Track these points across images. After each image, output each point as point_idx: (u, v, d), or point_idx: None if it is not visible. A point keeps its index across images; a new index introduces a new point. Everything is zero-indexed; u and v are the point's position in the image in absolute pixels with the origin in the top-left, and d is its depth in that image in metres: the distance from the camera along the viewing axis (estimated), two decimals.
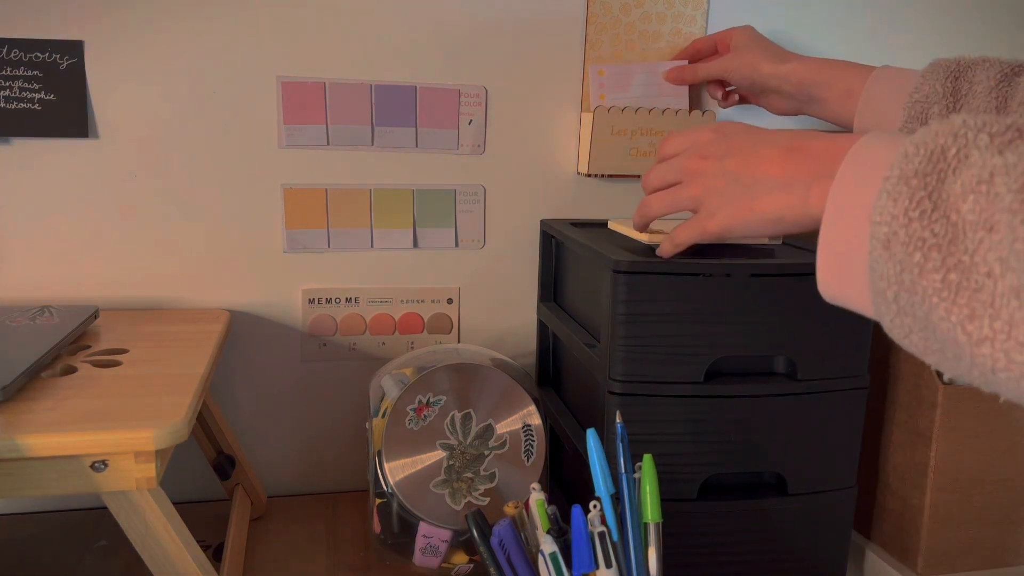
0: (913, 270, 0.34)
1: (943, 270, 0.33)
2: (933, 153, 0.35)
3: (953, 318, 0.33)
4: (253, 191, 0.83)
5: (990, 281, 0.32)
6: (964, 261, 0.32)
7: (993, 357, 0.32)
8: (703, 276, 0.65)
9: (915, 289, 0.34)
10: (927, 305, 0.34)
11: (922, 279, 0.34)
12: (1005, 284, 0.31)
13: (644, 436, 0.67)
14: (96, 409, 0.54)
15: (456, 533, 0.70)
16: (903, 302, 0.35)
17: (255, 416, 0.89)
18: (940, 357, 0.36)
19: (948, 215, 0.33)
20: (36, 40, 0.75)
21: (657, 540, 0.53)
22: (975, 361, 0.33)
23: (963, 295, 0.32)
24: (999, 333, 0.31)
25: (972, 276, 0.32)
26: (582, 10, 0.86)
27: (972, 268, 0.32)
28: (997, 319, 0.31)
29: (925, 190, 0.34)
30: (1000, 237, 0.31)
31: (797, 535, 0.72)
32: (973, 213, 0.32)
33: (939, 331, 0.34)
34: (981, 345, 0.32)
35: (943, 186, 0.34)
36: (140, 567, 0.56)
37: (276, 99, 0.82)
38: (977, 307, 0.32)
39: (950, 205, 0.33)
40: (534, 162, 0.89)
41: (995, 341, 0.32)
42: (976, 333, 0.32)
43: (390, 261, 0.88)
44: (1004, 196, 0.31)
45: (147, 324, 0.75)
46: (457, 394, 0.71)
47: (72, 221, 0.80)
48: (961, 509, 0.72)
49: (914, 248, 0.34)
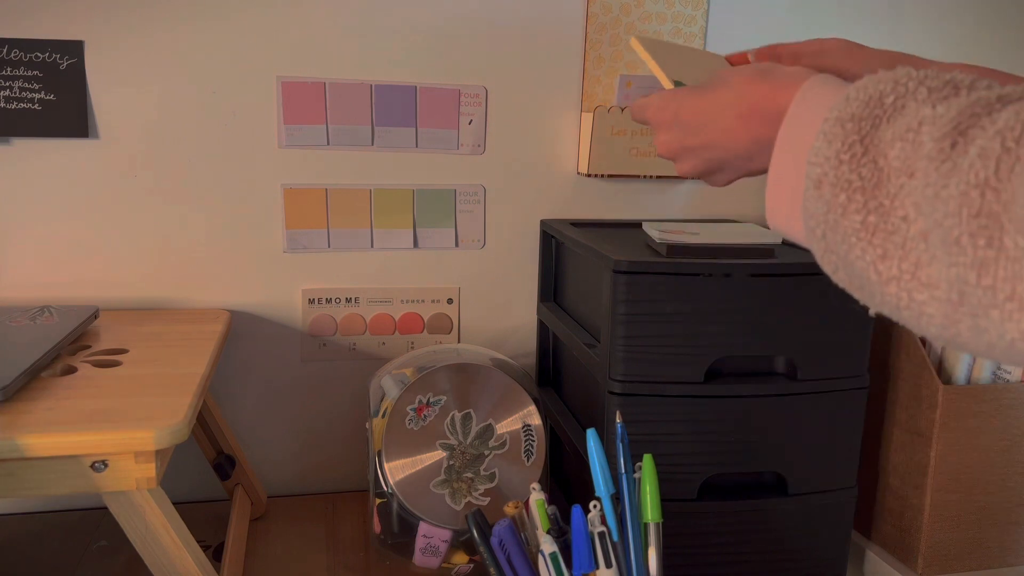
0: (837, 210, 0.36)
1: (864, 212, 0.35)
2: (871, 99, 0.36)
3: (868, 257, 0.35)
4: (253, 191, 0.83)
5: (904, 224, 0.33)
6: (884, 204, 0.34)
7: (898, 295, 0.34)
8: (703, 276, 0.65)
9: (838, 228, 0.36)
10: (847, 244, 0.36)
11: (844, 219, 0.35)
12: (916, 228, 0.33)
13: (644, 436, 0.67)
14: (96, 409, 0.54)
15: (456, 533, 0.70)
16: (830, 240, 0.37)
17: (255, 416, 0.89)
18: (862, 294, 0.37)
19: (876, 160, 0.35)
20: (36, 40, 0.75)
21: (657, 540, 0.53)
22: (884, 299, 0.35)
23: (879, 236, 0.34)
24: (905, 273, 0.33)
25: (889, 219, 0.34)
26: (582, 10, 0.86)
27: (890, 211, 0.34)
28: (905, 260, 0.33)
29: (859, 134, 0.35)
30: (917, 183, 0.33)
31: (797, 535, 0.72)
32: (898, 160, 0.34)
33: (856, 269, 0.36)
34: (889, 284, 0.34)
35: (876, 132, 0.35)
36: (140, 567, 0.56)
37: (276, 99, 0.82)
38: (890, 248, 0.34)
39: (879, 151, 0.35)
40: (534, 162, 0.89)
41: (901, 280, 0.33)
42: (886, 272, 0.34)
43: (390, 261, 0.88)
44: (926, 144, 0.32)
45: (147, 324, 0.75)
46: (457, 394, 0.71)
47: (72, 221, 0.80)
48: (961, 509, 0.72)
49: (840, 189, 0.35)
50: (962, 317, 0.32)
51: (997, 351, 0.32)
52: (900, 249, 0.33)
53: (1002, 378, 0.73)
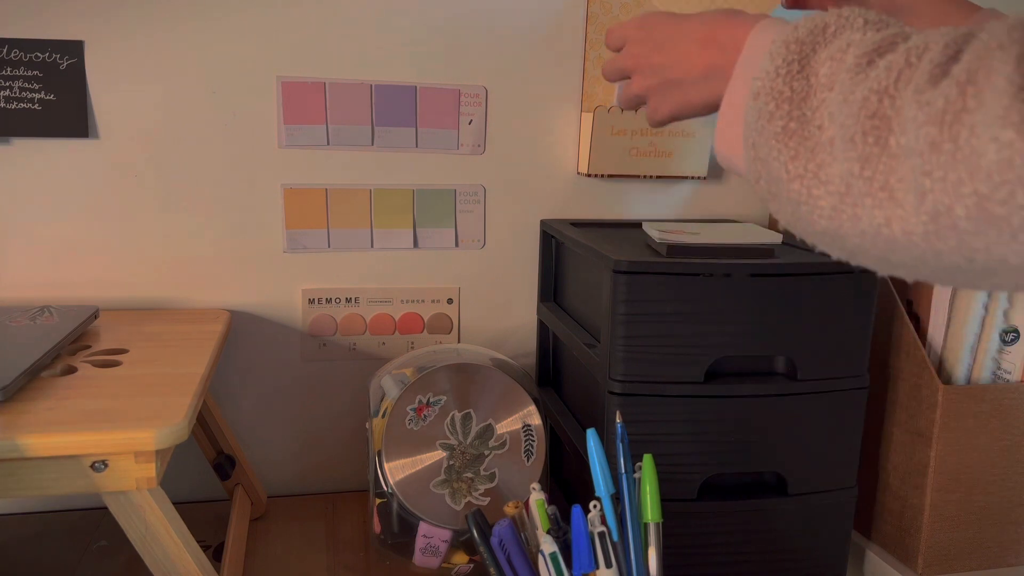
0: (765, 117, 0.40)
1: (786, 119, 0.39)
2: (816, 28, 0.40)
3: (782, 158, 0.39)
4: (253, 191, 0.83)
5: (818, 132, 0.37)
6: (806, 115, 0.38)
7: (799, 192, 0.38)
8: (703, 276, 0.65)
9: (764, 133, 0.40)
10: (767, 147, 0.40)
11: (769, 125, 0.39)
12: (826, 135, 0.37)
13: (644, 436, 0.67)
14: (96, 409, 0.54)
15: (456, 533, 0.70)
16: (758, 148, 0.41)
17: (255, 416, 0.89)
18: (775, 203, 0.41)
19: (808, 77, 0.39)
20: (36, 40, 0.75)
21: (657, 540, 0.53)
22: (788, 196, 0.39)
23: (794, 140, 0.38)
24: (809, 172, 0.38)
25: (807, 127, 0.38)
26: (582, 10, 0.86)
27: (809, 121, 0.38)
28: (812, 161, 0.37)
29: (798, 55, 0.39)
30: (834, 95, 0.37)
31: (797, 535, 0.72)
32: (826, 76, 0.38)
33: (772, 170, 0.40)
34: (794, 181, 0.38)
35: (814, 55, 0.39)
36: (140, 567, 0.56)
37: (276, 99, 0.82)
38: (801, 151, 0.38)
39: (812, 69, 0.39)
40: (534, 162, 0.89)
41: (805, 178, 0.38)
42: (794, 171, 0.38)
43: (390, 261, 0.88)
44: (849, 61, 0.37)
45: (147, 324, 0.75)
46: (457, 394, 0.71)
47: (72, 221, 0.80)
48: (961, 509, 0.72)
49: (771, 99, 0.39)
50: (845, 207, 0.36)
51: (867, 238, 0.36)
52: (810, 152, 0.38)
53: (1002, 378, 0.73)
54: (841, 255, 0.40)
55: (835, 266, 0.68)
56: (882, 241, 0.35)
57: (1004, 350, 0.72)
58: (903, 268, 0.37)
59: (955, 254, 0.33)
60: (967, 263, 0.33)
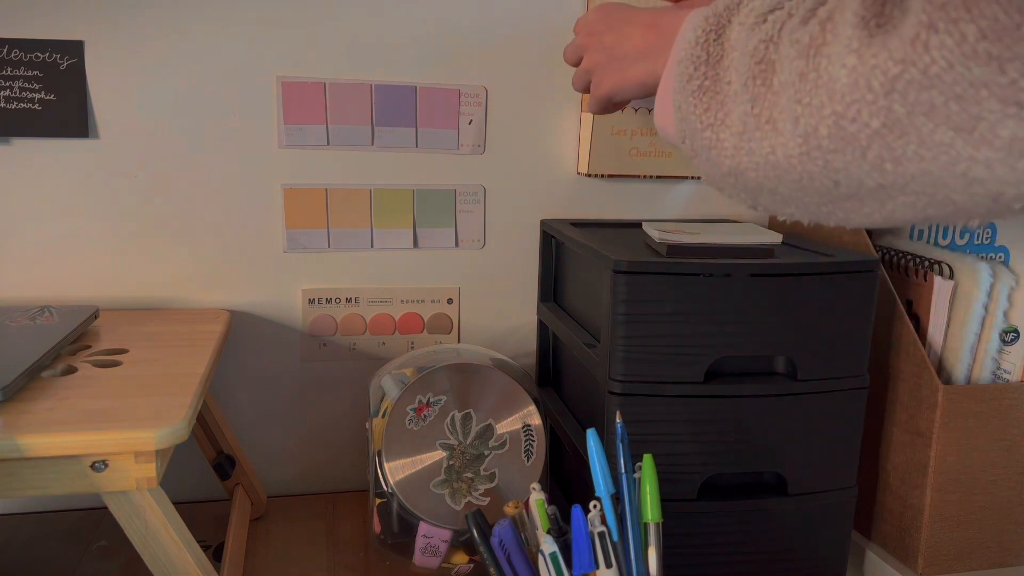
0: (685, 78, 0.44)
1: (701, 79, 0.43)
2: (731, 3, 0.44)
3: (696, 111, 0.43)
4: (253, 191, 0.83)
5: (727, 87, 0.41)
6: (718, 74, 0.42)
7: (710, 138, 0.43)
8: (703, 276, 0.65)
9: (684, 94, 0.44)
10: (687, 105, 0.44)
11: (688, 84, 0.44)
12: (732, 89, 0.41)
13: (644, 436, 0.67)
14: (96, 409, 0.54)
15: (456, 533, 0.70)
16: (681, 109, 0.45)
17: (255, 416, 0.89)
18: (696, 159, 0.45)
19: (723, 43, 0.43)
20: (36, 40, 0.75)
21: (657, 540, 0.53)
22: (700, 143, 0.43)
23: (707, 95, 0.43)
24: (717, 120, 0.42)
25: (718, 84, 0.42)
26: (582, 10, 0.86)
27: (720, 78, 0.42)
28: (720, 111, 0.42)
29: (715, 25, 0.44)
30: (738, 53, 0.41)
31: (797, 535, 0.72)
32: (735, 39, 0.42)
33: (689, 123, 0.44)
34: (706, 130, 0.43)
35: (729, 24, 0.43)
36: (140, 567, 0.56)
37: (276, 99, 0.82)
38: (712, 104, 0.42)
39: (726, 36, 0.43)
40: (534, 162, 0.89)
41: (714, 126, 0.42)
42: (705, 120, 0.43)
43: (390, 261, 0.88)
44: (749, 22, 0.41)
45: (147, 324, 0.75)
46: (457, 394, 0.71)
47: (72, 221, 0.80)
48: (961, 509, 0.72)
49: (691, 63, 0.44)
50: (743, 144, 0.40)
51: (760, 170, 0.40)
52: (720, 104, 0.42)
53: (1002, 378, 0.73)
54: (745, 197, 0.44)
55: (835, 266, 0.68)
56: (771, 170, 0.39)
57: (1004, 350, 0.72)
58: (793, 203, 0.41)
59: (823, 176, 0.37)
60: (834, 186, 0.37)
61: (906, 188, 0.35)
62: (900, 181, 0.34)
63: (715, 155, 0.43)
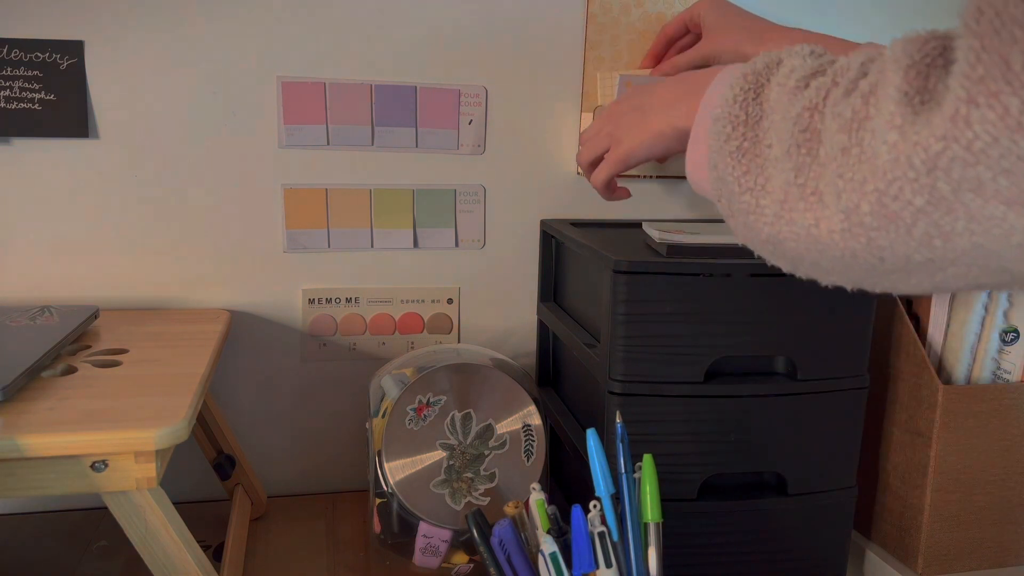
0: (723, 138, 0.44)
1: (740, 140, 0.43)
2: (770, 61, 0.44)
3: (735, 172, 0.43)
4: (253, 191, 0.83)
5: (768, 150, 0.41)
6: (758, 135, 0.42)
7: (748, 202, 0.42)
8: (703, 276, 0.65)
9: (722, 154, 0.44)
10: (724, 165, 0.44)
11: (727, 145, 0.43)
12: (773, 153, 0.41)
13: (644, 436, 0.67)
14: (96, 409, 0.54)
15: (456, 533, 0.70)
16: (718, 168, 0.44)
17: (255, 416, 0.89)
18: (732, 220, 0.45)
19: (762, 103, 0.43)
20: (36, 40, 0.75)
21: (657, 540, 0.53)
22: (739, 207, 0.43)
23: (747, 158, 0.42)
24: (757, 185, 0.41)
25: (758, 146, 0.42)
26: (582, 10, 0.86)
27: (760, 141, 0.42)
28: (760, 176, 0.41)
29: (754, 84, 0.44)
30: (779, 117, 0.40)
31: (797, 535, 0.72)
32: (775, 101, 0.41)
33: (727, 183, 0.44)
34: (744, 193, 0.42)
35: (767, 83, 0.43)
36: (140, 567, 0.56)
37: (276, 99, 0.82)
38: (751, 167, 0.42)
39: (765, 96, 0.43)
40: (534, 162, 0.89)
41: (754, 191, 0.42)
42: (744, 184, 0.42)
43: (390, 261, 0.88)
44: (790, 84, 0.41)
45: (147, 324, 0.75)
46: (457, 394, 0.71)
47: (72, 221, 0.80)
48: (961, 509, 0.72)
49: (728, 123, 0.43)
50: (784, 213, 0.40)
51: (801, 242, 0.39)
52: (759, 168, 0.41)
53: (1002, 378, 0.73)
54: (785, 265, 0.43)
55: None
56: (812, 243, 0.38)
57: (1004, 350, 0.72)
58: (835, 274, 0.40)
59: (867, 253, 0.36)
60: (879, 262, 0.36)
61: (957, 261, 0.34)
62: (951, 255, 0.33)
63: (753, 220, 0.42)
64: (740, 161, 0.42)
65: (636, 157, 0.61)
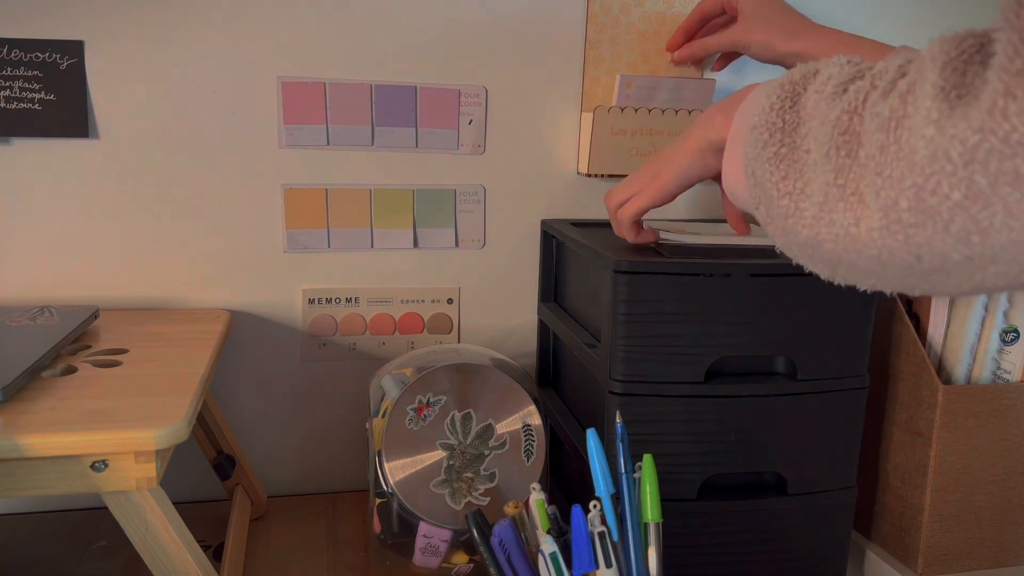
0: (760, 145, 0.44)
1: (778, 146, 0.43)
2: (807, 71, 0.45)
3: (773, 178, 0.43)
4: (253, 191, 0.83)
5: (806, 156, 0.42)
6: (796, 142, 0.43)
7: (787, 206, 0.42)
8: (703, 276, 0.65)
9: (759, 160, 0.44)
10: (762, 171, 0.44)
11: (764, 151, 0.44)
12: (811, 158, 0.41)
13: (644, 436, 0.67)
14: (96, 409, 0.54)
15: (456, 533, 0.70)
16: (756, 175, 0.45)
17: (255, 416, 0.89)
18: (771, 225, 0.45)
19: (799, 111, 0.43)
20: (36, 40, 0.75)
21: (657, 540, 0.53)
22: (778, 211, 0.43)
23: (784, 163, 0.43)
24: (795, 189, 0.42)
25: (795, 152, 0.42)
26: (582, 10, 0.86)
27: (797, 146, 0.42)
28: (799, 180, 0.42)
29: (791, 92, 0.44)
30: (817, 123, 0.41)
31: (797, 535, 0.72)
32: (812, 107, 0.42)
33: (765, 189, 0.44)
34: (783, 198, 0.43)
35: (804, 92, 0.44)
36: (140, 567, 0.56)
37: (276, 99, 0.82)
38: (790, 172, 0.42)
39: (802, 104, 0.43)
40: (534, 162, 0.89)
41: (792, 194, 0.42)
42: (783, 188, 0.43)
43: (390, 261, 0.88)
44: (828, 91, 0.41)
45: (147, 324, 0.75)
46: (457, 394, 0.71)
47: (72, 221, 0.80)
48: (961, 509, 0.72)
49: (766, 130, 0.44)
50: (823, 214, 0.40)
51: (840, 243, 0.39)
52: (798, 173, 0.42)
53: (1002, 378, 0.73)
54: (822, 268, 0.43)
55: None
56: (851, 243, 0.38)
57: (1004, 350, 0.72)
58: (873, 276, 0.40)
59: (904, 251, 0.36)
60: (916, 260, 0.36)
61: (996, 259, 0.33)
62: (989, 252, 0.33)
63: (792, 224, 0.42)
64: (778, 166, 0.43)
65: (674, 182, 0.60)
